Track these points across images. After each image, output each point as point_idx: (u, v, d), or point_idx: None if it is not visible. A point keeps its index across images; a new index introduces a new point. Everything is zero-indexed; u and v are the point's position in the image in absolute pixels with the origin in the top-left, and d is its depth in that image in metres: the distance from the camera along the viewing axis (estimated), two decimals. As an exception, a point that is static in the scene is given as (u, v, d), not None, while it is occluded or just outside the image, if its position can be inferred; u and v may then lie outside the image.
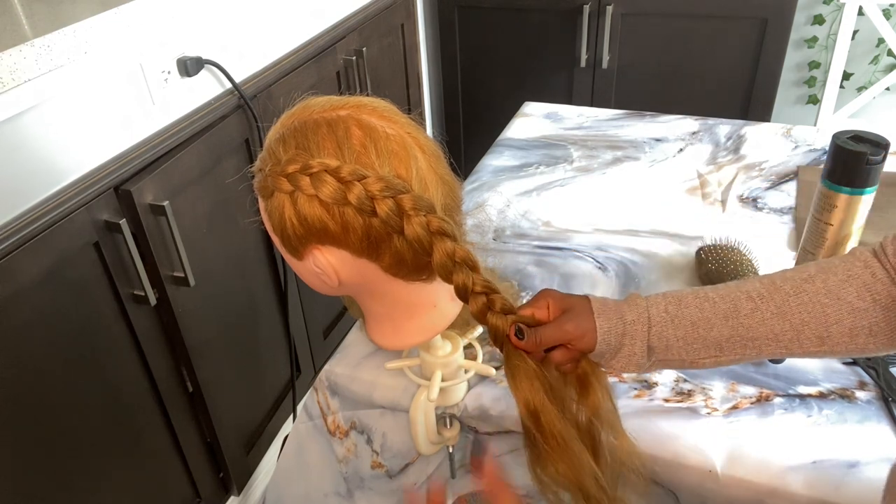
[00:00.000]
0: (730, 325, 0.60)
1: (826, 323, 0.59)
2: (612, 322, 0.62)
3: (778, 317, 0.60)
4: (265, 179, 0.60)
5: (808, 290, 0.60)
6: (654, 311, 0.62)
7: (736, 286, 0.63)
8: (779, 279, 0.61)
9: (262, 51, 1.43)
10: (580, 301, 0.64)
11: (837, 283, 0.59)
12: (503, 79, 2.38)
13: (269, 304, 1.54)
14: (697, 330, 0.61)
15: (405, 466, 0.89)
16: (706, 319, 0.61)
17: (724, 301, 0.61)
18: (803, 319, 0.59)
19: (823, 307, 0.59)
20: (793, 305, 0.60)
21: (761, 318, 0.60)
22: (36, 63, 0.92)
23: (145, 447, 1.22)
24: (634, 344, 0.62)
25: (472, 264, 0.60)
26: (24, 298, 0.95)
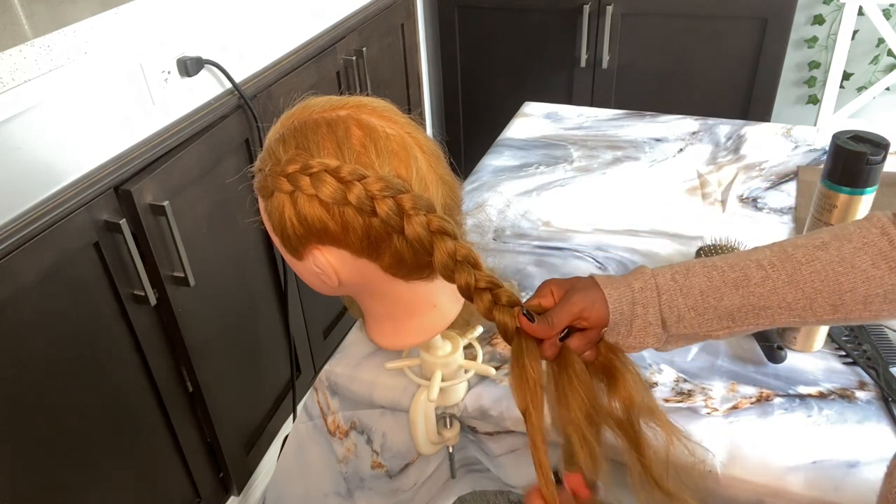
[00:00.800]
0: (740, 294, 0.59)
1: (839, 291, 0.58)
2: (620, 290, 0.61)
3: (790, 285, 0.58)
4: (265, 179, 0.60)
5: (821, 257, 0.58)
6: (662, 280, 0.61)
7: (745, 255, 0.61)
8: (790, 247, 0.60)
9: (262, 51, 1.43)
10: (584, 279, 0.64)
11: (852, 250, 0.58)
12: (503, 79, 2.38)
13: (269, 304, 1.54)
14: (707, 299, 0.60)
15: (405, 466, 0.89)
16: (715, 288, 0.60)
17: (733, 270, 0.60)
18: (816, 288, 0.58)
19: (837, 275, 0.58)
20: (805, 274, 0.58)
21: (773, 286, 0.59)
22: (36, 63, 0.92)
23: (145, 447, 1.22)
24: (647, 312, 0.60)
25: (473, 262, 0.60)
26: (24, 298, 0.95)
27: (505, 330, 0.61)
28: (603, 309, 0.61)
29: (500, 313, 0.60)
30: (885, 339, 0.87)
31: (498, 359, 0.88)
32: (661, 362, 0.86)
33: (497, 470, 0.87)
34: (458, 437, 0.84)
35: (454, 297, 0.69)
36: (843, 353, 0.85)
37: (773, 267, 0.59)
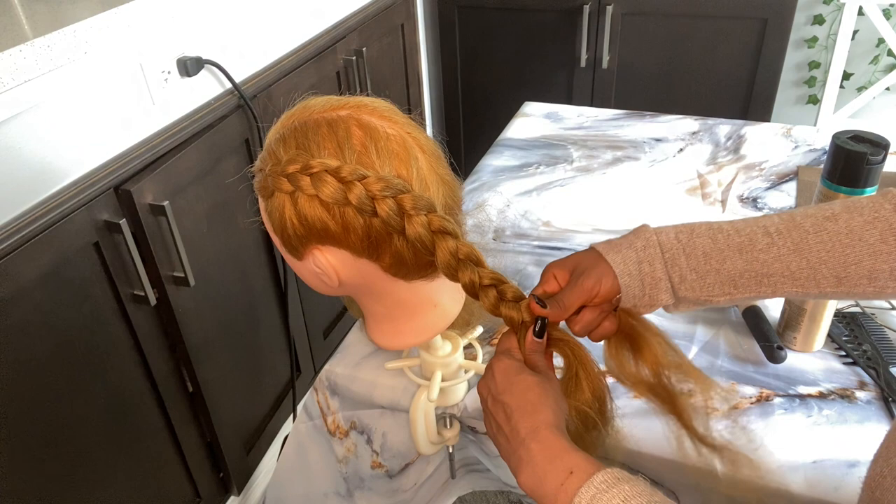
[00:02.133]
0: (744, 258, 0.58)
1: (845, 263, 0.57)
2: (622, 253, 0.60)
3: (795, 253, 0.58)
4: (265, 179, 0.60)
5: (829, 228, 0.57)
6: (664, 238, 0.60)
7: (753, 220, 0.60)
8: (799, 216, 0.59)
9: (262, 51, 1.43)
10: (584, 254, 0.63)
11: (861, 223, 0.57)
12: (503, 79, 2.38)
13: (269, 304, 1.54)
14: (710, 261, 0.59)
15: (405, 466, 0.89)
16: (719, 251, 0.59)
17: (738, 234, 0.59)
18: (821, 258, 0.57)
19: (843, 247, 0.57)
20: (812, 243, 0.57)
21: (777, 253, 0.58)
22: (36, 63, 0.92)
23: (145, 447, 1.22)
24: (654, 269, 0.60)
25: (476, 260, 0.60)
26: (25, 298, 0.95)
27: (512, 325, 0.62)
28: (611, 279, 0.60)
29: (507, 308, 0.61)
30: (885, 339, 0.87)
31: (498, 359, 0.87)
32: (662, 362, 0.86)
33: (497, 470, 0.87)
34: (458, 437, 0.84)
35: (454, 297, 0.69)
36: (843, 353, 0.85)
37: (780, 234, 0.58)
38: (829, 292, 0.59)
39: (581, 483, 0.51)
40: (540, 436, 0.55)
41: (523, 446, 0.55)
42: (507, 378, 0.59)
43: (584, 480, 0.51)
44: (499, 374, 0.60)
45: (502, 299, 0.61)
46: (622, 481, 0.50)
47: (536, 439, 0.55)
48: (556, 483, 0.52)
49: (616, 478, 0.51)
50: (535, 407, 0.57)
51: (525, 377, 0.59)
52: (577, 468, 0.52)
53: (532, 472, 0.54)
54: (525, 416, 0.56)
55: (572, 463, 0.52)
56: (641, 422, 0.78)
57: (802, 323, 0.84)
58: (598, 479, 0.50)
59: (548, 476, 0.53)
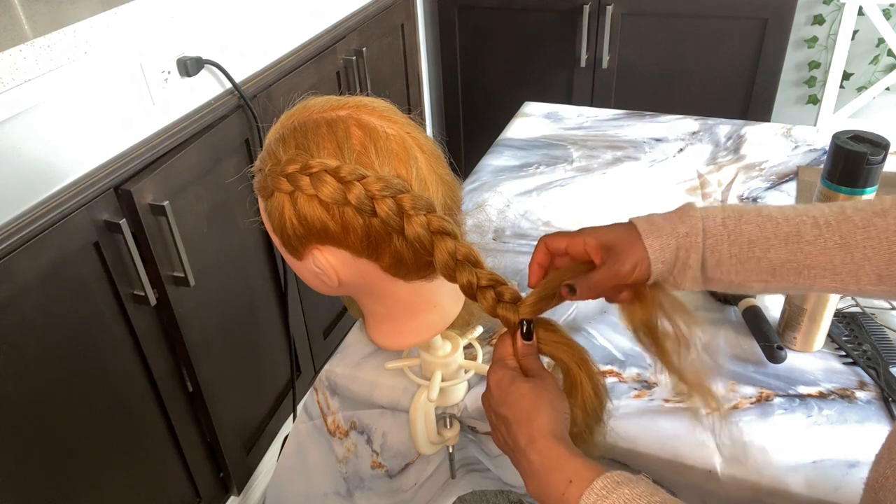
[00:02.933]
0: (789, 249, 0.58)
1: (889, 261, 0.56)
2: (663, 240, 0.59)
3: (841, 248, 0.57)
4: (265, 179, 0.60)
5: (878, 224, 0.56)
6: (710, 224, 0.59)
7: (804, 209, 0.59)
8: (850, 208, 0.58)
9: (262, 51, 1.43)
10: (623, 232, 0.61)
11: None
12: (503, 79, 2.38)
13: (269, 304, 1.54)
14: (754, 249, 0.58)
15: (405, 466, 0.89)
16: (765, 239, 0.58)
17: (787, 223, 0.58)
18: (866, 254, 0.56)
19: (890, 244, 0.56)
20: (859, 238, 0.56)
21: (823, 246, 0.57)
22: (36, 63, 0.92)
23: (145, 447, 1.22)
24: (689, 257, 0.59)
25: (474, 261, 0.60)
26: (24, 298, 0.95)
27: (509, 326, 0.62)
28: (645, 269, 0.59)
29: (504, 310, 0.61)
30: (885, 339, 0.87)
31: (498, 359, 0.87)
32: (661, 362, 0.86)
33: (497, 470, 0.87)
34: (458, 437, 0.84)
35: (454, 297, 0.69)
36: (843, 353, 0.85)
37: (829, 227, 0.57)
38: (867, 290, 0.58)
39: (581, 491, 0.51)
40: (537, 445, 0.55)
41: (525, 457, 0.56)
42: (502, 390, 0.60)
43: (585, 488, 0.51)
44: (494, 387, 0.61)
45: (500, 301, 0.61)
46: (622, 484, 0.50)
47: (534, 449, 0.55)
48: (558, 493, 0.53)
49: (616, 482, 0.51)
50: (529, 416, 0.57)
51: (518, 386, 0.59)
52: (577, 476, 0.52)
53: (535, 483, 0.55)
54: (521, 426, 0.57)
55: (571, 471, 0.53)
56: (641, 421, 0.78)
57: (802, 323, 0.84)
58: (598, 484, 0.51)
59: (550, 486, 0.54)
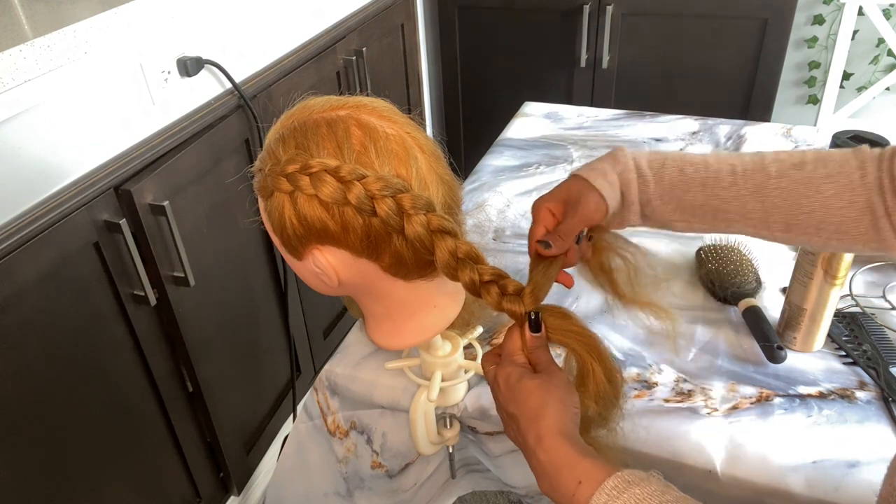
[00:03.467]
0: (705, 193, 0.63)
1: (797, 212, 0.60)
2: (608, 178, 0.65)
3: (752, 195, 0.61)
4: (265, 179, 0.60)
5: (792, 175, 0.60)
6: (640, 163, 0.66)
7: (726, 156, 0.64)
8: (769, 159, 0.62)
9: (262, 51, 1.43)
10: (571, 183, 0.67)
11: (823, 175, 0.60)
12: (503, 79, 2.38)
13: (269, 304, 1.54)
14: (674, 191, 0.64)
15: (405, 466, 0.89)
16: (684, 182, 0.64)
17: (706, 169, 0.64)
18: (776, 204, 0.61)
19: (798, 196, 0.60)
20: (770, 188, 0.61)
21: (736, 193, 0.62)
22: (36, 63, 0.92)
23: (145, 447, 1.22)
24: (630, 192, 0.66)
25: (475, 258, 0.60)
26: (24, 298, 0.95)
27: (517, 318, 0.62)
28: (602, 207, 0.65)
29: (510, 303, 0.61)
30: (885, 339, 0.87)
31: (498, 358, 0.87)
32: (662, 362, 0.86)
33: (497, 470, 0.87)
34: (458, 437, 0.84)
35: (454, 297, 0.69)
36: (843, 353, 0.85)
37: (744, 175, 0.62)
38: (778, 237, 0.63)
39: (592, 492, 0.51)
40: (545, 444, 0.55)
41: (534, 456, 0.56)
42: (510, 387, 0.60)
43: (595, 489, 0.51)
44: (502, 384, 0.61)
45: (504, 294, 0.61)
46: (633, 484, 0.50)
47: (542, 448, 0.55)
48: (568, 494, 0.53)
49: (626, 481, 0.50)
50: (536, 414, 0.57)
51: (525, 383, 0.59)
52: (586, 477, 0.52)
53: (545, 482, 0.55)
54: (529, 424, 0.57)
55: (580, 472, 0.53)
56: (641, 422, 0.78)
57: (802, 323, 0.84)
58: (608, 485, 0.51)
59: (559, 487, 0.54)
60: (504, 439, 0.82)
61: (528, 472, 0.65)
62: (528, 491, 0.85)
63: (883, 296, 0.94)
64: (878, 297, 0.94)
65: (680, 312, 0.93)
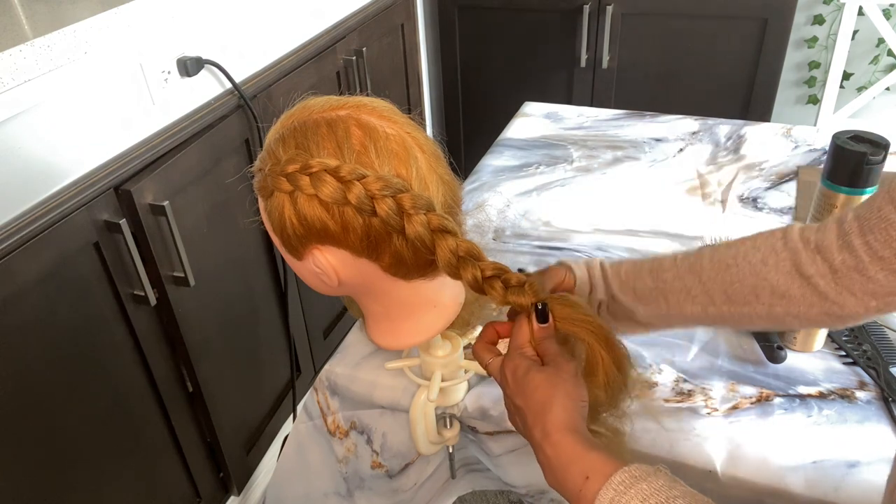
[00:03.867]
0: (652, 277, 0.69)
1: (730, 280, 0.64)
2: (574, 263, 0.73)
3: (690, 272, 0.67)
4: (265, 179, 0.60)
5: (721, 251, 0.66)
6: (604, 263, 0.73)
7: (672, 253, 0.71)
8: (706, 247, 0.69)
9: (262, 51, 1.43)
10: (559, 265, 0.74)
11: (749, 247, 0.64)
12: (503, 79, 2.38)
13: (269, 304, 1.54)
14: (628, 282, 0.70)
15: (405, 466, 0.89)
16: (636, 272, 0.70)
17: (654, 261, 0.70)
18: (710, 276, 0.65)
19: (728, 266, 0.65)
20: (704, 264, 0.66)
21: (676, 273, 0.67)
22: (36, 63, 0.92)
23: (145, 447, 1.22)
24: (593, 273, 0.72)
25: (476, 255, 0.60)
26: (24, 298, 0.95)
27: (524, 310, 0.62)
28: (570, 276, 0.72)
29: (515, 295, 0.61)
30: (885, 339, 0.87)
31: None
32: (662, 362, 0.86)
33: (497, 470, 0.87)
34: (458, 437, 0.84)
35: (454, 297, 0.69)
36: (843, 353, 0.85)
37: (683, 258, 0.68)
38: (724, 311, 0.66)
39: (599, 487, 0.51)
40: (552, 439, 0.55)
41: (540, 450, 0.56)
42: (517, 380, 0.60)
43: (602, 483, 0.51)
44: (509, 376, 0.61)
45: (507, 287, 0.61)
46: (640, 479, 0.50)
47: (549, 443, 0.55)
48: (575, 489, 0.53)
49: (634, 476, 0.50)
50: (543, 407, 0.57)
51: (532, 376, 0.59)
52: (593, 471, 0.52)
53: (552, 477, 0.55)
54: (536, 418, 0.57)
55: (587, 466, 0.53)
56: (641, 422, 0.78)
57: (802, 323, 0.84)
58: (615, 479, 0.51)
59: (566, 481, 0.54)
60: (504, 439, 0.82)
61: (529, 471, 0.65)
62: (528, 490, 0.85)
63: (883, 296, 0.94)
64: (878, 297, 0.94)
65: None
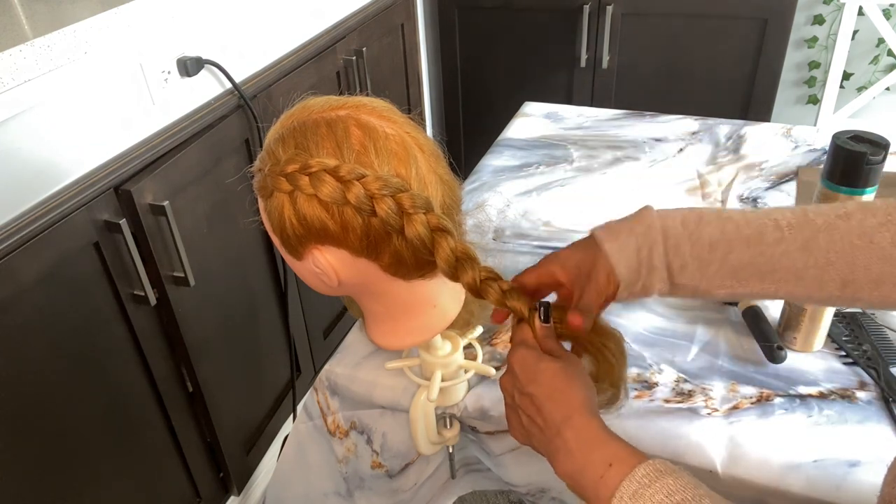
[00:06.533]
0: (751, 251, 0.56)
1: (853, 266, 0.54)
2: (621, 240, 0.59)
3: (803, 251, 0.55)
4: (264, 179, 0.60)
5: (841, 227, 0.55)
6: (670, 223, 0.58)
7: (765, 213, 0.58)
8: (812, 212, 0.57)
9: (262, 51, 1.43)
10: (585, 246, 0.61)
11: (875, 225, 0.54)
12: (503, 79, 2.38)
13: (269, 304, 1.54)
14: (715, 252, 0.57)
15: (405, 466, 0.89)
16: (726, 241, 0.57)
17: (748, 225, 0.57)
18: (829, 259, 0.55)
19: (854, 248, 0.54)
20: (822, 241, 0.55)
21: (785, 249, 0.56)
22: (36, 63, 0.92)
23: (145, 447, 1.22)
24: (652, 256, 0.58)
25: (472, 258, 0.60)
26: (24, 298, 0.95)
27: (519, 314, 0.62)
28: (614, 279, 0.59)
29: (512, 299, 0.61)
30: (885, 339, 0.87)
31: (498, 359, 0.88)
32: (662, 362, 0.86)
33: (498, 469, 0.87)
34: (458, 437, 0.84)
35: (454, 297, 0.69)
36: (843, 353, 0.85)
37: (791, 228, 0.56)
38: (833, 296, 0.56)
39: (622, 476, 0.50)
40: (574, 423, 0.54)
41: (559, 435, 0.54)
42: (528, 368, 0.58)
43: (626, 473, 0.50)
44: (518, 367, 0.59)
45: (504, 291, 0.61)
46: (665, 474, 0.49)
47: (571, 426, 0.54)
48: (596, 475, 0.51)
49: (658, 470, 0.49)
50: (564, 393, 0.56)
51: (548, 364, 0.58)
52: (617, 460, 0.51)
53: (570, 462, 0.53)
54: (557, 403, 0.56)
55: (611, 454, 0.51)
56: (641, 422, 0.78)
57: (802, 323, 0.84)
58: (639, 472, 0.49)
59: (587, 467, 0.52)
60: (505, 438, 0.82)
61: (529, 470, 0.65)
62: (529, 489, 0.85)
63: (883, 296, 0.94)
64: (879, 297, 0.94)
65: (680, 312, 0.93)
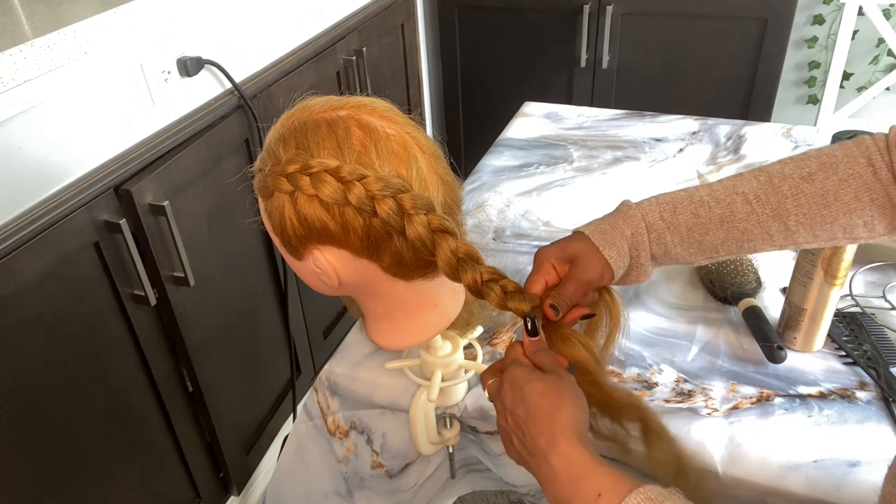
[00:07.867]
0: (725, 229, 0.62)
1: (822, 223, 0.60)
2: (617, 246, 0.64)
3: (773, 219, 0.61)
4: (265, 179, 0.60)
5: (807, 190, 0.59)
6: (651, 219, 0.65)
7: (732, 186, 0.63)
8: (777, 177, 0.61)
9: (262, 51, 1.43)
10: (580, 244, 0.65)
11: (836, 182, 0.59)
12: (503, 79, 2.38)
13: (269, 304, 1.54)
14: (693, 235, 0.63)
15: (405, 466, 0.89)
16: (701, 225, 0.62)
17: (719, 205, 0.62)
18: (799, 221, 0.60)
19: (820, 208, 0.59)
20: (790, 207, 0.60)
21: (757, 220, 0.61)
22: (36, 63, 0.92)
23: (145, 447, 1.22)
24: (640, 255, 0.64)
25: (475, 258, 0.60)
26: (25, 298, 0.95)
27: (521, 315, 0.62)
28: (608, 273, 0.64)
29: (514, 301, 0.61)
30: (885, 339, 0.87)
31: (498, 359, 0.87)
32: (662, 363, 0.86)
33: (498, 469, 0.87)
34: (458, 437, 0.84)
35: (454, 297, 0.69)
36: (843, 353, 0.85)
37: (759, 201, 0.61)
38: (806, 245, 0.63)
39: None
40: (560, 449, 0.53)
41: (545, 462, 0.53)
42: (516, 389, 0.57)
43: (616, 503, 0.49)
44: (507, 387, 0.58)
45: (506, 292, 0.61)
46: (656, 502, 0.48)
47: (557, 454, 0.52)
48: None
49: (650, 499, 0.48)
50: (549, 414, 0.54)
51: (534, 384, 0.56)
52: (606, 489, 0.50)
53: (558, 492, 0.52)
54: (541, 426, 0.54)
55: (599, 483, 0.50)
56: (641, 422, 0.78)
57: (802, 323, 0.84)
58: (631, 501, 0.48)
59: (575, 497, 0.51)
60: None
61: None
62: (528, 490, 0.85)
63: (883, 296, 0.94)
64: (878, 297, 0.94)
65: (680, 312, 0.93)
